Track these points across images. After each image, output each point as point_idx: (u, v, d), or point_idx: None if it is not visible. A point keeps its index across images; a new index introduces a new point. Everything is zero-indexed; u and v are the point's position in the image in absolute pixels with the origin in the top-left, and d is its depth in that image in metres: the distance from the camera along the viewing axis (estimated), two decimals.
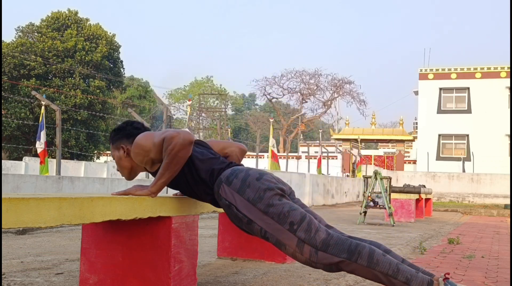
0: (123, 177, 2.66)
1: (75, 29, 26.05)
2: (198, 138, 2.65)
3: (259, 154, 17.91)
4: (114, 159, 2.56)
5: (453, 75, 28.94)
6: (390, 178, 8.29)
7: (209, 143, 2.67)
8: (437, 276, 2.12)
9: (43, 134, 10.45)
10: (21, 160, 19.47)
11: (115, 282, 2.36)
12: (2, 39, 24.76)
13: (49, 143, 16.56)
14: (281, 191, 2.30)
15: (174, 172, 2.29)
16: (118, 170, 2.57)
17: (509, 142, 26.92)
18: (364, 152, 34.48)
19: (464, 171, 25.23)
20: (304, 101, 34.61)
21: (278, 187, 2.30)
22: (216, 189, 2.34)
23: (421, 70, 29.64)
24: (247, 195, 2.26)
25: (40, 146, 10.45)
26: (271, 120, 17.24)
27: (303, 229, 2.20)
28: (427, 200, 10.82)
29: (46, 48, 24.68)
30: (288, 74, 33.73)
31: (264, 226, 2.24)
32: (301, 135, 37.56)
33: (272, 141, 14.83)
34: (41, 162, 10.47)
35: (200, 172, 2.37)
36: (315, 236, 2.19)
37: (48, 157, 10.83)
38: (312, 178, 14.61)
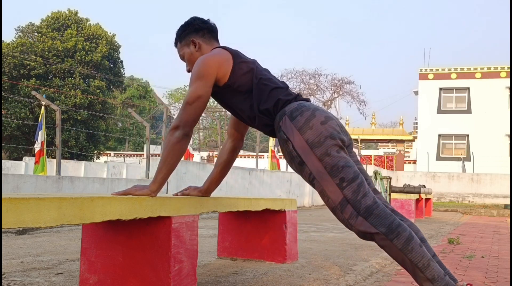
0: None
1: (75, 29, 26.04)
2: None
3: (259, 154, 17.90)
4: (184, 59, 2.46)
5: (453, 75, 28.94)
6: (390, 178, 8.29)
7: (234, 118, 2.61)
8: (460, 283, 2.08)
9: (40, 134, 10.42)
10: (21, 160, 19.46)
11: (115, 282, 2.35)
12: (2, 39, 24.77)
13: (49, 143, 16.56)
14: (342, 143, 2.23)
15: (172, 166, 2.24)
16: (188, 70, 2.45)
17: (509, 142, 26.92)
18: (364, 152, 34.49)
19: (464, 171, 25.23)
20: None
21: (340, 138, 2.22)
22: (278, 120, 2.29)
23: (421, 70, 29.64)
24: (307, 137, 2.19)
25: (37, 145, 10.43)
26: None
27: (352, 189, 2.13)
28: (427, 200, 10.82)
29: (46, 48, 24.67)
30: (288, 74, 33.67)
31: (314, 172, 2.18)
32: None
33: (272, 141, 14.82)
34: (36, 162, 10.41)
35: (264, 103, 2.31)
36: (361, 200, 2.12)
37: (48, 157, 10.79)
38: None
